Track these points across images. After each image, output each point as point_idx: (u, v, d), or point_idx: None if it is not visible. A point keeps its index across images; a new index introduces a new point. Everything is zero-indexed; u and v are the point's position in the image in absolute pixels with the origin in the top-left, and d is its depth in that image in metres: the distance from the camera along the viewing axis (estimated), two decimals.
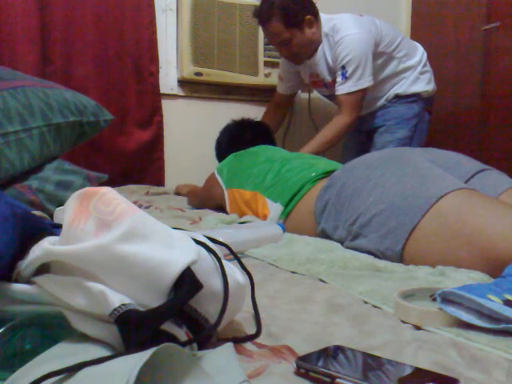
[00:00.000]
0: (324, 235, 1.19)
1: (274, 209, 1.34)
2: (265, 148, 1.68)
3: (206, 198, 1.71)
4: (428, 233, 0.96)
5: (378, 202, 1.05)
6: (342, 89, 2.04)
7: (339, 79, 2.04)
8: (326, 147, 2.05)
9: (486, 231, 0.89)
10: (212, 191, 1.65)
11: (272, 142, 1.88)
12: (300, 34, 2.02)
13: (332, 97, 2.14)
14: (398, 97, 2.20)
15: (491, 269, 0.84)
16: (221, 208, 1.63)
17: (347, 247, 1.10)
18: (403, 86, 2.18)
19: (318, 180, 1.31)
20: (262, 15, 2.03)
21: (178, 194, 2.13)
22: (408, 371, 0.46)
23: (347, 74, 2.00)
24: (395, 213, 1.01)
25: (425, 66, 2.23)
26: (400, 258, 0.99)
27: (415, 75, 2.19)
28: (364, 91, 2.05)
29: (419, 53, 2.23)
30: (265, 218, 1.36)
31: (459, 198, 0.97)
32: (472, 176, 1.17)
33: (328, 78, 2.13)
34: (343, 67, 2.01)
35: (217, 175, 1.64)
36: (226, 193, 1.56)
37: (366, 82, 2.02)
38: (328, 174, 1.32)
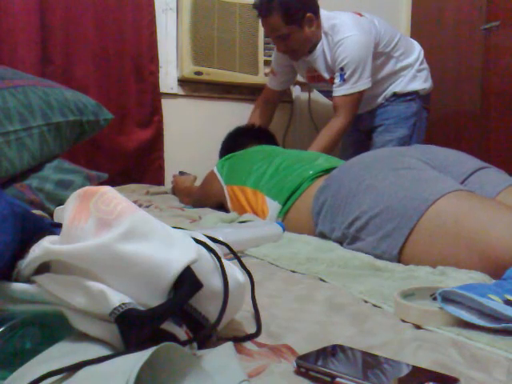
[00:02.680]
0: (322, 236, 1.19)
1: (273, 207, 1.34)
2: (265, 146, 1.69)
3: (205, 197, 1.70)
4: (425, 235, 0.95)
5: (374, 204, 1.04)
6: (339, 90, 2.03)
7: (337, 81, 2.03)
8: (324, 152, 2.04)
9: (485, 234, 0.88)
10: (211, 188, 1.65)
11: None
12: (299, 31, 2.01)
13: (330, 93, 2.13)
14: (396, 95, 2.20)
15: (491, 271, 0.84)
16: (220, 207, 1.63)
17: None
18: (401, 84, 2.18)
19: (316, 178, 1.31)
20: (261, 7, 2.01)
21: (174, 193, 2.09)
22: (408, 370, 0.46)
23: (345, 76, 2.00)
24: (391, 215, 1.00)
25: (422, 63, 2.23)
26: (397, 261, 0.99)
27: (413, 73, 2.19)
28: (361, 93, 2.05)
29: (416, 51, 2.23)
30: (264, 216, 1.36)
31: (456, 200, 0.96)
32: (471, 174, 1.16)
33: (326, 76, 2.13)
34: (342, 69, 2.01)
35: (216, 172, 1.64)
36: (225, 189, 1.56)
37: (364, 84, 2.02)
38: (326, 171, 1.32)
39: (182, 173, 2.12)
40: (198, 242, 0.52)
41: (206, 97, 2.57)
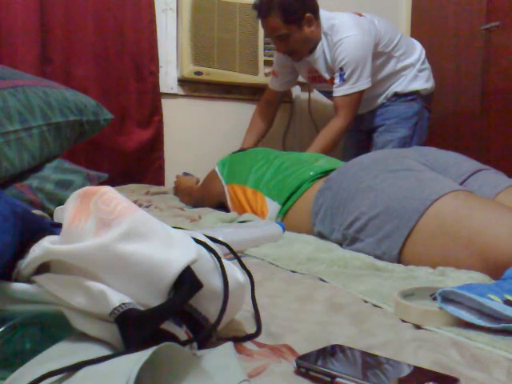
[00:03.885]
0: (321, 237, 1.19)
1: (272, 208, 1.34)
2: (264, 147, 1.69)
3: (206, 196, 1.70)
4: (425, 235, 0.95)
5: (373, 205, 1.04)
6: (339, 90, 2.03)
7: (337, 81, 2.04)
8: (324, 153, 2.04)
9: (485, 234, 0.88)
10: (212, 188, 1.65)
11: None
12: (298, 31, 2.02)
13: (331, 93, 2.14)
14: (397, 95, 2.20)
15: (491, 271, 0.84)
16: (220, 206, 1.63)
17: None
18: (402, 84, 2.18)
19: (316, 180, 1.31)
20: (261, 8, 2.02)
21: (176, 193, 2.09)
22: (408, 370, 0.46)
23: (345, 76, 2.00)
24: (390, 216, 1.00)
25: (423, 63, 2.23)
26: (397, 261, 0.99)
27: (414, 73, 2.19)
28: (361, 93, 2.05)
29: (417, 50, 2.24)
30: (263, 216, 1.36)
31: (456, 200, 0.96)
32: (469, 176, 1.17)
33: (326, 76, 2.13)
34: (341, 69, 2.01)
35: (217, 171, 1.64)
36: (226, 188, 1.56)
37: (364, 84, 2.02)
38: (326, 173, 1.32)
39: (186, 174, 2.13)
40: (198, 241, 0.52)
41: (206, 97, 2.57)
